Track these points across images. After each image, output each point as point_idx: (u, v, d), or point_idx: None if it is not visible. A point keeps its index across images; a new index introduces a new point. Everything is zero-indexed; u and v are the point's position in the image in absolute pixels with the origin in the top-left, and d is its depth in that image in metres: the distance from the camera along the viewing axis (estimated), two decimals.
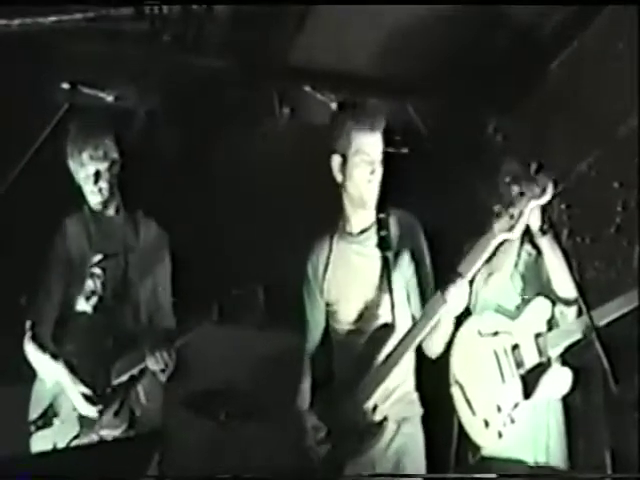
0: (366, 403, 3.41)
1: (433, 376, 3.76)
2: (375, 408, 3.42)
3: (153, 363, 3.75)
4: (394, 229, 3.55)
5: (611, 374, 3.07)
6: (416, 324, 3.38)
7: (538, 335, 3.76)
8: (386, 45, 4.08)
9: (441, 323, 3.41)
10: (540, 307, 3.79)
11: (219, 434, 4.02)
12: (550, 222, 3.72)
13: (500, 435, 3.71)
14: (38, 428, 3.86)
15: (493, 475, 3.66)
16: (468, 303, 3.49)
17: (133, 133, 4.26)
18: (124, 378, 3.81)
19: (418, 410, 3.58)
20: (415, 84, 4.29)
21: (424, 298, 3.51)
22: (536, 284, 3.84)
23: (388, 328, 3.45)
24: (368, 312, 3.53)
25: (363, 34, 4.00)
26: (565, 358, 3.79)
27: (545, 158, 3.24)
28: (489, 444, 3.73)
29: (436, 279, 3.55)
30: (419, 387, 3.64)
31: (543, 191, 3.13)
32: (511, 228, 3.19)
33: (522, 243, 3.84)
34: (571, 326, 3.69)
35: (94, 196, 3.90)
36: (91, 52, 3.92)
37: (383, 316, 3.50)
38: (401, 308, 3.50)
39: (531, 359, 3.74)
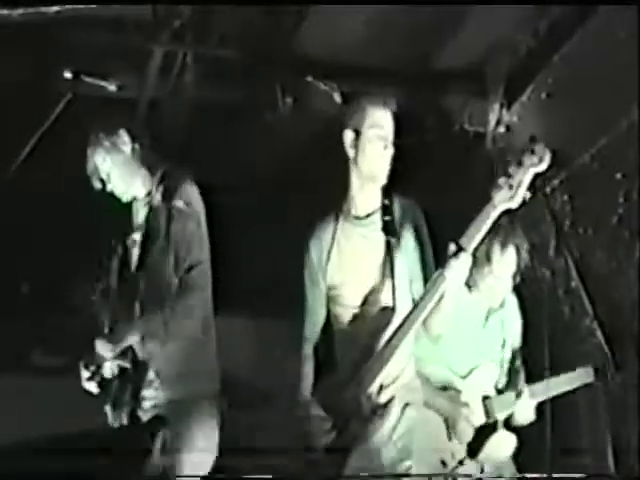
0: (370, 386, 3.38)
1: None
2: (380, 390, 3.41)
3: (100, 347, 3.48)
4: (398, 215, 3.54)
5: (612, 361, 3.07)
6: (418, 304, 3.36)
7: (485, 398, 3.84)
8: (389, 35, 4.09)
9: (443, 302, 3.39)
10: (488, 371, 3.88)
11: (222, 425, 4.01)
12: (553, 214, 3.73)
13: None
14: None
15: (493, 476, 3.68)
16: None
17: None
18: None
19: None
20: (418, 75, 4.30)
21: (426, 283, 3.50)
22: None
23: (388, 311, 3.43)
24: (371, 296, 3.51)
25: (366, 23, 4.01)
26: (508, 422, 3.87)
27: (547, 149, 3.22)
28: None
29: (437, 265, 3.53)
30: None
31: (540, 160, 3.11)
32: (511, 198, 3.17)
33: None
34: (510, 397, 3.82)
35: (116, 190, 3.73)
36: (94, 42, 3.93)
37: (384, 300, 3.48)
38: (402, 292, 3.47)
39: (478, 419, 3.80)
